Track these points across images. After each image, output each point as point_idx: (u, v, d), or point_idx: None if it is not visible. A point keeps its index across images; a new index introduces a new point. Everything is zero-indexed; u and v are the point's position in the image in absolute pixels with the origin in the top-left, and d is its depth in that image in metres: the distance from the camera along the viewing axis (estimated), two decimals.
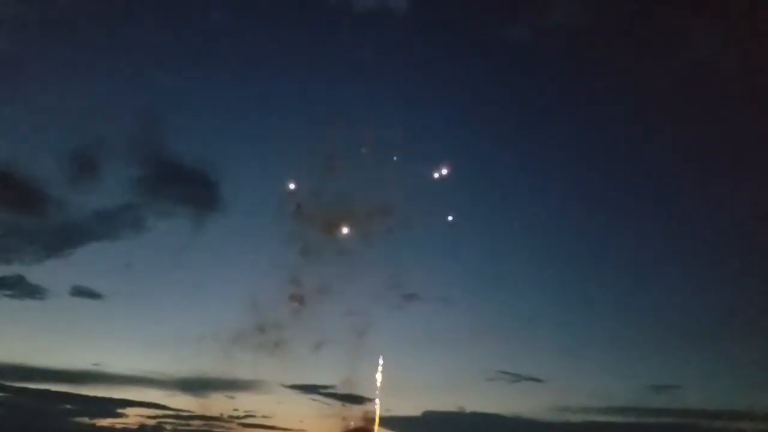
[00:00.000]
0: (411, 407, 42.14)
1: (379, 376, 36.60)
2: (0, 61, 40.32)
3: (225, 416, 41.74)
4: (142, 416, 41.93)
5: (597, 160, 44.21)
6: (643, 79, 39.51)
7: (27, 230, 41.98)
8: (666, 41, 38.11)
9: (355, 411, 40.20)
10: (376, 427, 36.91)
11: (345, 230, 36.40)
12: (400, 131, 37.01)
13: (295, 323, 39.24)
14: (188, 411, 42.05)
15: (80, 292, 42.34)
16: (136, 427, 41.31)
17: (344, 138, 35.18)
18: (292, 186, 36.13)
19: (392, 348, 40.97)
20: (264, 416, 42.14)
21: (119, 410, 42.03)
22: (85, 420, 41.43)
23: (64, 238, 41.96)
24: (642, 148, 43.85)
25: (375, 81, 39.52)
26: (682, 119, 41.10)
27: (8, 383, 41.08)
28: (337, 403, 41.21)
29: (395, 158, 35.91)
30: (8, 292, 41.32)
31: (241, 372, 40.83)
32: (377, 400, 37.01)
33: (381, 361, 37.07)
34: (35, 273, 41.65)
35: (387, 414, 37.31)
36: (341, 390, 40.85)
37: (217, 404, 42.14)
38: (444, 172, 34.88)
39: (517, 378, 44.02)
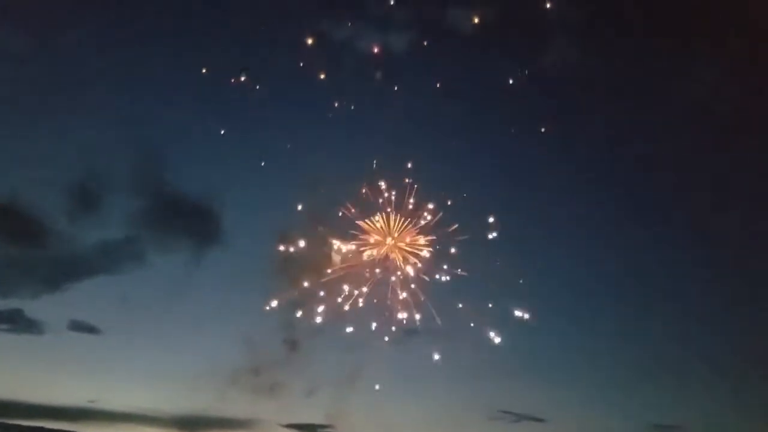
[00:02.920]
0: None
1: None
2: (1, 95, 40.87)
3: None
4: None
5: (595, 196, 44.10)
6: (639, 118, 39.98)
7: (26, 264, 42.08)
8: (662, 81, 38.64)
9: None
10: None
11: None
12: (398, 169, 37.07)
13: (293, 359, 39.01)
14: None
15: (78, 326, 42.18)
16: None
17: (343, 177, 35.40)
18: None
19: (390, 384, 40.21)
20: None
21: None
22: None
23: (63, 272, 42.04)
24: (640, 184, 43.87)
25: (372, 118, 39.62)
26: (681, 158, 41.35)
27: (2, 420, 40.74)
28: None
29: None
30: (5, 327, 41.19)
31: (238, 410, 40.28)
32: None
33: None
34: (33, 307, 41.51)
35: None
36: (339, 429, 40.41)
37: None
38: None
39: (519, 418, 43.36)
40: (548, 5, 32.75)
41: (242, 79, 34.80)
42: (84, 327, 42.08)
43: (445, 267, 35.50)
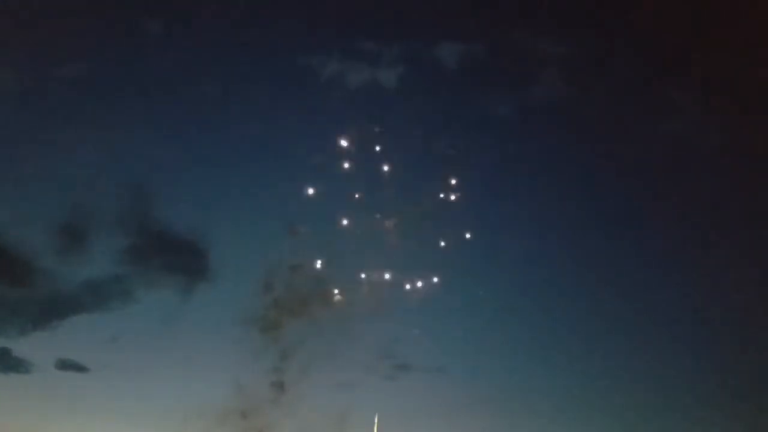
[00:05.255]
0: None
1: None
2: None
3: None
4: None
5: (589, 223, 43.55)
6: (626, 149, 39.72)
7: (13, 302, 41.24)
8: (648, 114, 38.44)
9: None
10: None
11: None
12: (391, 202, 36.99)
13: (281, 401, 38.60)
14: None
15: (66, 365, 41.61)
16: None
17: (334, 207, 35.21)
18: None
19: (383, 423, 39.46)
20: None
21: None
22: None
23: (51, 310, 41.33)
24: (631, 214, 43.33)
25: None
26: (667, 190, 40.86)
27: None
28: None
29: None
30: None
31: None
32: None
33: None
34: (21, 346, 40.98)
35: None
36: None
37: None
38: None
39: None
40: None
41: None
42: (72, 365, 41.60)
43: None
